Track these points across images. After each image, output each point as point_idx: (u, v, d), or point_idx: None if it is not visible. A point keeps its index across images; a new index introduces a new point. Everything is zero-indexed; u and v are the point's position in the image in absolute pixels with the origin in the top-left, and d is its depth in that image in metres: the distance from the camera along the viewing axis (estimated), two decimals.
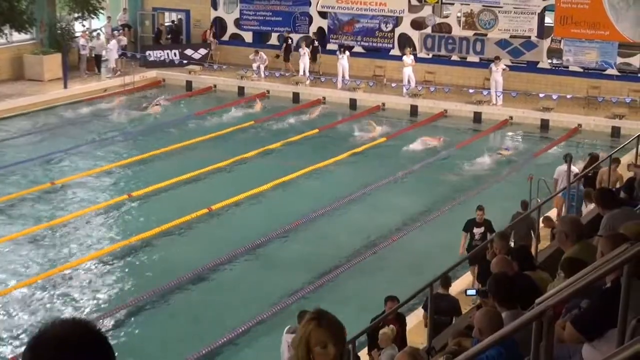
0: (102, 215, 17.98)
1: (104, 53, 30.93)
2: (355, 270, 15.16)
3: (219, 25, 32.96)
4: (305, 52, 29.83)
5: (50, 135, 24.30)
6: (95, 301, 14.00)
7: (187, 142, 23.22)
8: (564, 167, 15.55)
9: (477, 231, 14.28)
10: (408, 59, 28.33)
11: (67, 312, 13.36)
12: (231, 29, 32.97)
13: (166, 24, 34.16)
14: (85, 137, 24.07)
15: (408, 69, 28.30)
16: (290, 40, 31.05)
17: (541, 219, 13.42)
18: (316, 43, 30.77)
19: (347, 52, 29.39)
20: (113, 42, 30.82)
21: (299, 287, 14.34)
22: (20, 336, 12.70)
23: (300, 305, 13.57)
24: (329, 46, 31.06)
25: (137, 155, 22.10)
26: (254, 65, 30.35)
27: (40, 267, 15.23)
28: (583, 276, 4.85)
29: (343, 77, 29.13)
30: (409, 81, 28.37)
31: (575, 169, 16.22)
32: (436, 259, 14.48)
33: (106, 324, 13.03)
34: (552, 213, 15.78)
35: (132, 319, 13.46)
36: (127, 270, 15.30)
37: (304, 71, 29.87)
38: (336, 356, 3.52)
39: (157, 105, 27.49)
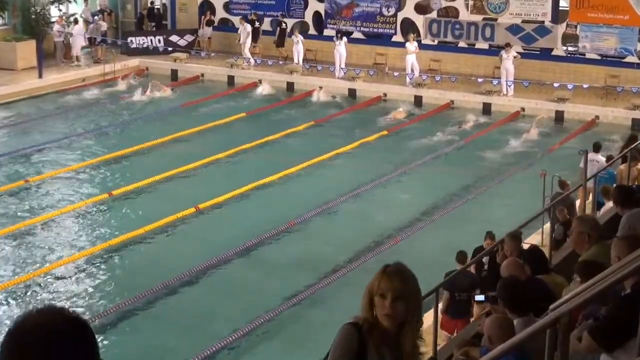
0: (80, 216, 17.96)
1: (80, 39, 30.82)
2: (356, 273, 15.14)
3: (206, 9, 32.92)
4: (299, 39, 29.85)
5: (24, 129, 24.27)
6: (75, 307, 14.00)
7: (173, 136, 23.22)
8: (591, 154, 15.63)
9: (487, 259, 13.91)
10: (411, 45, 28.35)
11: None
12: (220, 13, 32.95)
13: (149, 8, 34.12)
14: (62, 130, 24.05)
15: (411, 57, 28.31)
16: (257, 23, 31.13)
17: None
18: (257, 24, 31.01)
19: (345, 39, 29.40)
20: (77, 27, 30.39)
21: (295, 291, 14.35)
22: None
23: (297, 309, 13.62)
24: (327, 32, 31.07)
25: (118, 151, 22.06)
26: (245, 49, 30.40)
27: (14, 271, 15.21)
28: (600, 280, 4.88)
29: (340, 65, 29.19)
30: (412, 70, 28.39)
31: (602, 158, 16.29)
32: (442, 260, 14.48)
33: None
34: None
35: (115, 325, 13.46)
36: (108, 274, 15.29)
37: (298, 59, 29.91)
38: (393, 312, 3.44)
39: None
